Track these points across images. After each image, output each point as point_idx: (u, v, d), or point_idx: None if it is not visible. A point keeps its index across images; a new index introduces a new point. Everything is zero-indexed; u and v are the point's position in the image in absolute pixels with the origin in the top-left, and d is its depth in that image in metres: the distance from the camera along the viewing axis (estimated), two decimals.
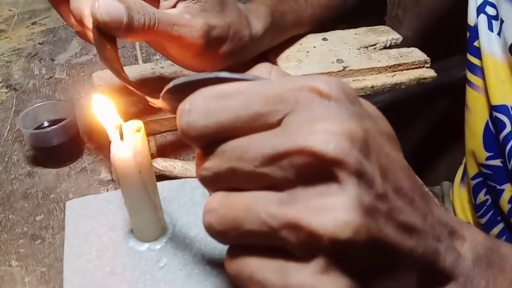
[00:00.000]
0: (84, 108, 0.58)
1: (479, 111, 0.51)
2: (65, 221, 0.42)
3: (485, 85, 0.49)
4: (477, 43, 0.49)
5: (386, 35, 0.59)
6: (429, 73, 0.54)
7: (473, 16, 0.50)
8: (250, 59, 0.51)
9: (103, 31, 0.38)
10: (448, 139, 0.81)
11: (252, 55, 0.52)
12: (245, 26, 0.48)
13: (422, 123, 0.81)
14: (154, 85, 0.50)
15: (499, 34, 0.46)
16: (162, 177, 0.45)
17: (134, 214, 0.38)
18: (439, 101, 0.76)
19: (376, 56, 0.55)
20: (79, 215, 0.42)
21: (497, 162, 0.50)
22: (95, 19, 0.37)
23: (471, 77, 0.51)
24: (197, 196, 0.44)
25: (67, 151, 0.50)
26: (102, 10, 0.36)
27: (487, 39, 0.48)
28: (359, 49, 0.57)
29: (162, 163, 0.45)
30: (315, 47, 0.57)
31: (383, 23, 0.64)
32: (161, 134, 0.51)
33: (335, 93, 0.20)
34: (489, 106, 0.49)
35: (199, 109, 0.21)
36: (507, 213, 0.48)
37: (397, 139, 0.24)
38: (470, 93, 0.52)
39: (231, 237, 0.21)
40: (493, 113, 0.48)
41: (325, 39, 0.59)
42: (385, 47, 0.58)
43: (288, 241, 0.20)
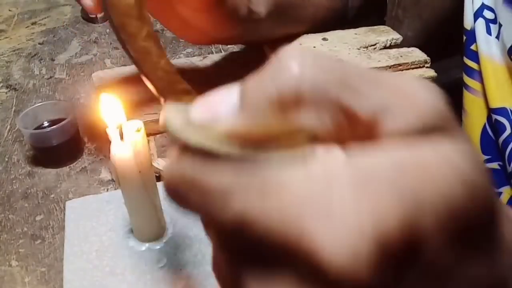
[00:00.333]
0: (84, 108, 0.58)
1: (476, 114, 0.51)
2: (65, 221, 0.42)
3: (483, 88, 0.49)
4: (474, 46, 0.49)
5: (386, 35, 0.59)
6: (429, 73, 0.54)
7: (469, 20, 0.50)
8: (246, 53, 0.51)
9: None
10: None
11: (248, 37, 0.51)
12: None
13: None
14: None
15: (497, 37, 0.46)
16: (162, 177, 0.45)
17: (134, 214, 0.38)
18: None
19: (376, 56, 0.55)
20: (79, 215, 0.42)
21: (494, 165, 0.50)
22: None
23: (468, 80, 0.51)
24: None
25: (67, 151, 0.50)
26: None
27: (485, 42, 0.48)
28: (359, 49, 0.57)
29: (162, 163, 0.45)
30: (315, 47, 0.57)
31: (383, 23, 0.64)
32: (161, 134, 0.51)
33: None
34: (487, 109, 0.49)
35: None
36: None
37: None
38: (467, 96, 0.52)
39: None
40: (492, 116, 0.48)
41: (325, 39, 0.59)
42: (385, 47, 0.58)
43: None
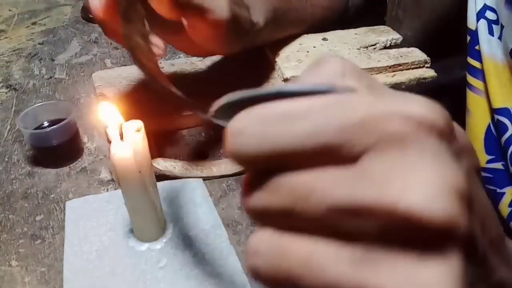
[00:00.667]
0: (84, 108, 0.58)
1: (480, 114, 0.51)
2: (65, 221, 0.42)
3: (486, 88, 0.49)
4: (478, 46, 0.49)
5: (386, 35, 0.59)
6: (429, 73, 0.55)
7: (473, 20, 0.50)
8: (246, 53, 0.51)
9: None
10: None
11: (249, 45, 0.51)
12: (246, 10, 0.47)
13: None
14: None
15: (499, 38, 0.46)
16: (162, 177, 0.45)
17: (134, 214, 0.38)
18: (439, 101, 0.76)
19: (376, 56, 0.55)
20: (79, 215, 0.42)
21: (498, 165, 0.50)
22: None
23: (471, 80, 0.51)
24: (197, 196, 0.44)
25: (67, 151, 0.50)
26: None
27: (487, 43, 0.48)
28: (359, 49, 0.57)
29: (162, 163, 0.45)
30: (315, 47, 0.57)
31: (383, 23, 0.64)
32: (161, 134, 0.51)
33: (438, 125, 0.16)
34: (490, 109, 0.49)
35: (253, 130, 0.17)
36: (507, 218, 0.48)
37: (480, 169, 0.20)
38: (470, 96, 0.52)
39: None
40: (494, 116, 0.48)
41: (325, 39, 0.59)
42: (385, 47, 0.58)
43: None
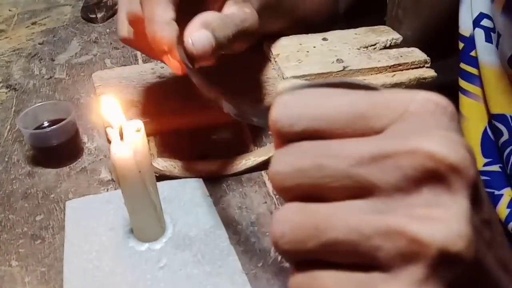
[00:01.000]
0: (84, 108, 0.58)
1: (476, 118, 0.50)
2: (65, 221, 0.42)
3: (483, 93, 0.49)
4: (474, 53, 0.49)
5: (386, 35, 0.59)
6: (429, 73, 0.54)
7: (468, 27, 0.49)
8: (246, 53, 0.51)
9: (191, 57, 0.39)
10: None
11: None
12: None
13: None
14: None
15: (497, 46, 0.46)
16: (162, 177, 0.45)
17: (134, 214, 0.38)
18: None
19: (376, 56, 0.55)
20: (79, 215, 0.42)
21: (495, 167, 0.50)
22: (191, 52, 0.37)
23: (465, 85, 0.51)
24: (197, 196, 0.44)
25: (67, 151, 0.50)
26: (197, 46, 0.37)
27: (485, 50, 0.47)
28: (359, 49, 0.57)
29: (162, 163, 0.45)
30: (315, 47, 0.57)
31: (383, 23, 0.64)
32: (161, 134, 0.51)
33: (448, 106, 0.19)
34: (488, 113, 0.49)
35: (298, 100, 0.20)
36: (505, 220, 0.48)
37: None
38: (464, 101, 0.51)
39: (308, 248, 0.19)
40: (492, 121, 0.48)
41: (325, 39, 0.59)
42: (385, 47, 0.58)
43: (380, 249, 0.18)
